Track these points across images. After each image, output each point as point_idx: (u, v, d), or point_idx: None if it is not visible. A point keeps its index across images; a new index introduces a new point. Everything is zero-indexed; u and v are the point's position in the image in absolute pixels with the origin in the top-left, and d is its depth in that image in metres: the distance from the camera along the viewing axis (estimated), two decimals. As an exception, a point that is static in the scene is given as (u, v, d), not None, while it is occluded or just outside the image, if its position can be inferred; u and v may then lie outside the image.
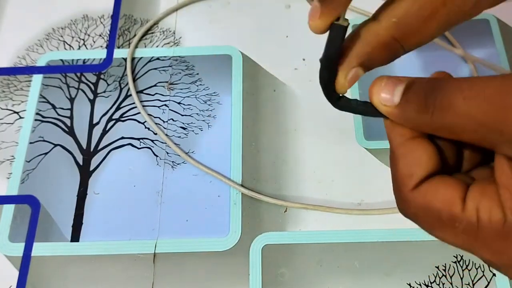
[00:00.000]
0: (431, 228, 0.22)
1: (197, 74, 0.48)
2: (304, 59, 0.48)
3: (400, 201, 0.23)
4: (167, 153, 0.44)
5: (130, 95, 0.47)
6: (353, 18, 0.50)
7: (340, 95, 0.24)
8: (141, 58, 0.49)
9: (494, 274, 0.38)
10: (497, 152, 0.20)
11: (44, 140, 0.45)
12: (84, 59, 0.49)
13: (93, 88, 0.48)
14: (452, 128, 0.20)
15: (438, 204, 0.21)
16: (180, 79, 0.48)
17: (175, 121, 0.46)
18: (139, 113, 0.46)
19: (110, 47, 0.50)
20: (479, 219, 0.20)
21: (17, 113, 0.47)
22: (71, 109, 0.47)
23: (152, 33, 0.50)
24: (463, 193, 0.21)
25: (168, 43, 0.50)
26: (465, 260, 0.39)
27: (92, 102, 0.47)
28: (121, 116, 0.46)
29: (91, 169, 0.44)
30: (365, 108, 0.24)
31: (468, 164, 0.24)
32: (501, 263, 0.21)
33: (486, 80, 0.19)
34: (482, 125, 0.19)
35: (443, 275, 0.38)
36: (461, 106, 0.19)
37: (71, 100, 0.47)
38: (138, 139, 0.45)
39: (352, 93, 0.45)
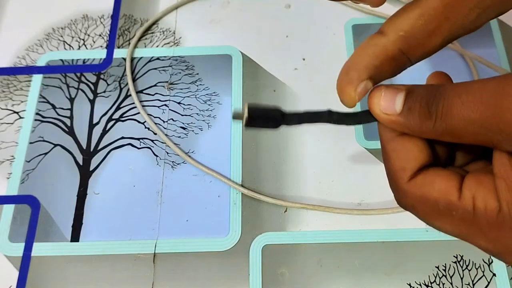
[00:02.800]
0: (429, 218, 0.23)
1: (197, 74, 0.48)
2: (304, 59, 0.48)
3: (397, 194, 0.24)
4: (167, 153, 0.44)
5: (130, 95, 0.47)
6: (348, 20, 0.50)
7: (331, 111, 0.25)
8: (141, 58, 0.49)
9: (494, 274, 0.38)
10: (498, 149, 0.21)
11: (44, 140, 0.45)
12: (84, 59, 0.49)
13: (93, 88, 0.48)
14: (454, 132, 0.21)
15: (435, 194, 0.22)
16: (180, 79, 0.48)
17: (175, 121, 0.46)
18: (139, 113, 0.46)
19: (110, 47, 0.50)
20: (475, 207, 0.21)
21: (17, 113, 0.47)
22: (71, 109, 0.47)
23: (152, 33, 0.50)
24: (459, 183, 0.22)
25: (168, 43, 0.50)
26: (465, 260, 0.39)
27: (92, 102, 0.47)
28: (121, 116, 0.46)
29: (91, 169, 0.44)
30: (362, 117, 0.25)
31: (462, 159, 0.25)
32: (496, 250, 0.21)
33: (482, 83, 0.20)
34: (482, 126, 0.20)
35: (443, 275, 0.38)
36: (461, 111, 0.20)
37: (71, 100, 0.47)
38: (138, 139, 0.45)
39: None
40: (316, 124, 0.25)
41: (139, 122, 0.46)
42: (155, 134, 0.45)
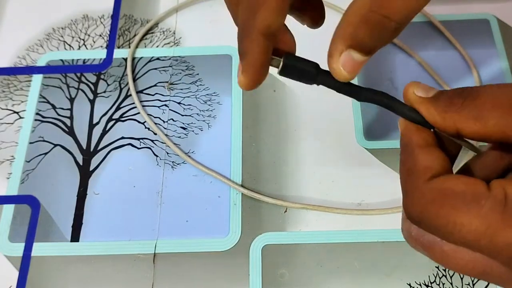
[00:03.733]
0: (453, 211, 0.20)
1: (197, 74, 0.48)
2: (304, 59, 0.48)
3: (414, 193, 0.22)
4: (167, 153, 0.44)
5: (130, 95, 0.47)
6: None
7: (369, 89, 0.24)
8: (141, 58, 0.49)
9: (494, 274, 0.38)
10: None
11: (44, 140, 0.45)
12: (84, 59, 0.49)
13: (93, 88, 0.48)
14: (480, 113, 0.21)
15: (462, 186, 0.20)
16: (180, 79, 0.48)
17: (175, 121, 0.46)
18: (139, 113, 0.46)
19: (110, 47, 0.50)
20: (506, 196, 0.20)
21: (17, 113, 0.47)
22: (71, 109, 0.47)
23: (152, 33, 0.50)
24: (485, 183, 0.21)
25: (168, 43, 0.50)
26: (465, 260, 0.39)
27: (92, 102, 0.47)
28: (121, 116, 0.46)
29: (91, 169, 0.44)
30: (391, 102, 0.24)
31: None
32: None
33: None
34: (510, 109, 0.20)
35: (443, 275, 0.38)
36: (494, 92, 0.20)
37: (71, 100, 0.47)
38: (138, 139, 0.45)
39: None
40: (351, 97, 0.25)
41: (139, 122, 0.46)
42: (155, 134, 0.45)
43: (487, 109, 0.20)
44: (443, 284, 0.38)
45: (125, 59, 0.49)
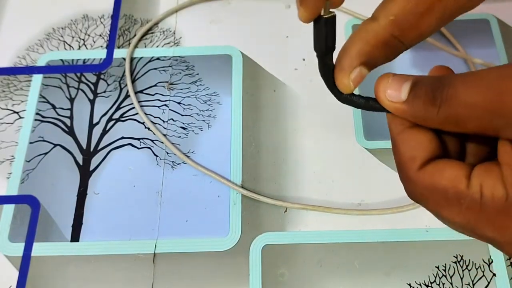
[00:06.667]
0: (438, 207, 0.22)
1: (197, 74, 0.48)
2: (304, 59, 0.48)
3: (407, 184, 0.23)
4: (167, 153, 0.44)
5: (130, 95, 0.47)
6: (349, 20, 0.50)
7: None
8: (141, 58, 0.49)
9: (494, 274, 0.38)
10: (501, 137, 0.21)
11: (44, 140, 0.45)
12: (84, 59, 0.49)
13: (93, 88, 0.48)
14: (458, 118, 0.21)
15: (444, 182, 0.22)
16: (180, 79, 0.48)
17: (175, 121, 0.46)
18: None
19: (110, 47, 0.50)
20: (482, 195, 0.21)
21: (17, 113, 0.47)
22: (71, 109, 0.47)
23: (152, 33, 0.50)
24: (468, 171, 0.21)
25: (168, 43, 0.50)
26: (465, 260, 0.39)
27: (92, 102, 0.47)
28: (121, 116, 0.46)
29: (91, 169, 0.44)
30: (368, 104, 0.25)
31: (473, 158, 0.25)
32: (503, 239, 0.21)
33: (486, 70, 0.21)
34: (485, 110, 0.20)
35: (443, 275, 0.38)
36: (465, 95, 0.20)
37: (71, 100, 0.47)
38: (138, 139, 0.45)
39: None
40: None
41: (139, 122, 0.46)
42: (155, 134, 0.45)
43: (464, 115, 0.21)
44: (443, 284, 0.38)
45: (125, 59, 0.49)
